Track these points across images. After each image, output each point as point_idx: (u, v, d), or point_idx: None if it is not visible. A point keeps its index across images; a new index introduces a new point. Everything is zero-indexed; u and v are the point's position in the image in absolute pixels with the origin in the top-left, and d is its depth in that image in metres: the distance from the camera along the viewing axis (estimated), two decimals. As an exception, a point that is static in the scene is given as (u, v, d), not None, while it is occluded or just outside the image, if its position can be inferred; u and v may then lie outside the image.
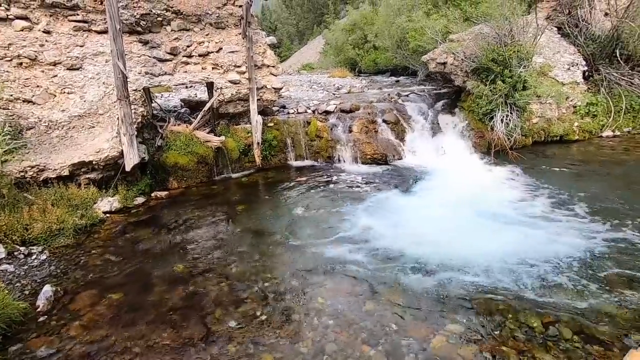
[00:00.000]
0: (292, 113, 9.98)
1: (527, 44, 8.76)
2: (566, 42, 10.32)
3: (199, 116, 8.17)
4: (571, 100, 9.42)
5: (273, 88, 8.73)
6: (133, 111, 6.99)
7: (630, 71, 9.72)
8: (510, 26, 8.53)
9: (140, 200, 6.92)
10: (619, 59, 9.83)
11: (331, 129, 9.31)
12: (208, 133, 8.48)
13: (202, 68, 7.92)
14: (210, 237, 5.48)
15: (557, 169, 7.53)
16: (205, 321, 3.59)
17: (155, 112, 8.97)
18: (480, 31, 9.32)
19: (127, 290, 4.16)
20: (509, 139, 8.46)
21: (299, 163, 9.03)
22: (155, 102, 9.34)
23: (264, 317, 3.60)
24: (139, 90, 7.20)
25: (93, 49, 6.90)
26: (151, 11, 7.19)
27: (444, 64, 10.14)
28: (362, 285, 4.09)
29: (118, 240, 5.43)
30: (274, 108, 10.08)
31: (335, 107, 9.95)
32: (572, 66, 9.76)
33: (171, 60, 7.57)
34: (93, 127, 6.62)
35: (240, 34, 8.07)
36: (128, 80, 6.75)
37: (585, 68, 10.01)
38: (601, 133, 9.38)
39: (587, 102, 9.58)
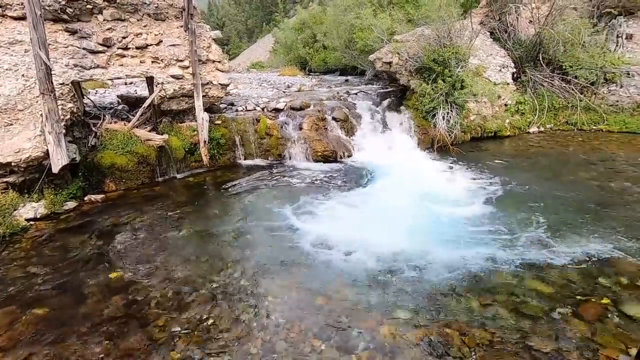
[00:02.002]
0: (241, 111, 9.72)
1: (464, 46, 9.35)
2: (497, 46, 11.19)
3: (138, 113, 7.64)
4: (503, 99, 10.23)
5: (219, 84, 8.41)
6: (60, 107, 6.34)
7: (551, 74, 10.79)
8: (448, 29, 9.04)
9: (71, 204, 6.30)
10: (541, 62, 10.87)
11: (281, 127, 9.20)
12: (149, 131, 7.96)
13: (141, 61, 7.40)
14: (152, 241, 5.13)
15: (491, 162, 8.14)
16: (147, 329, 3.34)
17: (88, 108, 8.23)
18: (423, 33, 9.78)
19: (53, 304, 3.74)
20: (450, 135, 8.97)
21: (249, 162, 8.80)
22: (88, 97, 8.57)
23: (211, 321, 3.43)
24: (67, 84, 6.55)
25: (9, 36, 6.14)
26: (79, -3, 6.56)
27: (390, 63, 10.49)
28: (313, 281, 4.07)
29: (44, 249, 4.88)
30: (221, 105, 9.74)
31: (286, 105, 9.85)
32: (503, 68, 10.62)
33: (104, 53, 6.97)
34: (11, 124, 5.88)
35: (182, 26, 7.66)
36: (53, 72, 6.10)
37: (514, 70, 10.94)
38: (529, 129, 10.32)
39: (516, 101, 10.48)
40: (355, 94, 11.13)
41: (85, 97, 8.29)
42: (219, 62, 8.35)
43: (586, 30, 10.62)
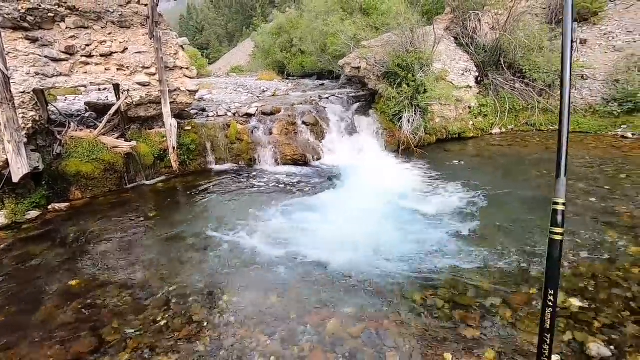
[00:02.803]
0: (212, 116, 9.82)
1: (428, 51, 9.73)
2: (461, 51, 11.65)
3: (104, 121, 7.65)
4: (467, 102, 10.67)
5: (187, 90, 8.50)
6: (21, 116, 6.35)
7: (512, 77, 11.31)
8: (412, 35, 9.39)
9: (34, 214, 6.28)
10: (503, 66, 11.38)
11: (252, 132, 9.35)
12: (117, 138, 7.98)
13: (106, 69, 7.42)
14: (116, 248, 5.19)
15: (451, 163, 8.50)
16: (100, 333, 3.44)
17: (53, 116, 8.18)
18: (389, 39, 10.12)
19: (8, 312, 3.78)
20: (414, 137, 9.30)
21: (220, 167, 8.91)
22: (53, 105, 8.51)
23: (164, 322, 3.55)
24: (28, 93, 6.53)
25: (-35, 45, 6.08)
26: (40, 5, 6.57)
27: (358, 68, 10.79)
28: (268, 281, 4.23)
29: (2, 259, 4.89)
30: (191, 111, 9.82)
31: (257, 110, 10.01)
32: (466, 72, 11.06)
33: (67, 60, 6.98)
34: (-32, 134, 5.83)
35: (147, 34, 7.73)
36: (12, 81, 6.10)
37: (477, 74, 11.41)
38: (491, 130, 10.78)
39: (479, 103, 10.93)
40: (327, 98, 11.38)
41: (50, 104, 8.23)
42: (186, 68, 8.43)
43: (545, 35, 11.20)
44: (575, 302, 3.50)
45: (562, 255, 0.93)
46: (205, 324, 3.51)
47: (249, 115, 9.88)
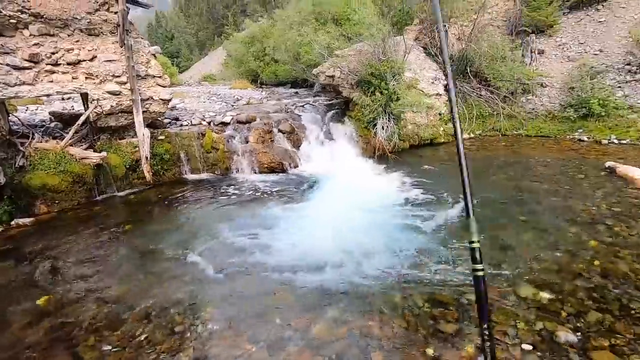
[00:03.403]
0: (186, 125, 9.67)
1: (399, 60, 10.08)
2: (430, 60, 12.16)
3: (72, 131, 7.37)
4: (437, 109, 11.11)
5: (160, 99, 8.35)
6: (-20, 127, 6.00)
7: (478, 85, 11.91)
8: (383, 45, 9.72)
9: (-5, 230, 5.91)
10: (470, 75, 11.97)
11: (228, 140, 9.28)
12: (86, 149, 7.69)
13: (73, 78, 7.18)
14: (87, 262, 4.98)
15: (424, 167, 8.82)
16: (75, 351, 3.29)
17: (15, 127, 7.78)
18: (362, 48, 10.40)
19: (-30, 335, 3.55)
20: (389, 143, 9.56)
21: (195, 176, 8.76)
22: (14, 115, 8.10)
23: (144, 336, 3.45)
24: (-12, 103, 6.20)
25: None
26: (0, 11, 6.29)
27: (332, 77, 10.99)
28: (251, 289, 4.20)
29: (-39, 279, 4.57)
30: (165, 120, 9.63)
31: (232, 119, 9.96)
32: (435, 80, 11.54)
33: (31, 69, 6.69)
34: None
35: (118, 42, 7.55)
36: (-29, 90, 5.79)
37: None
38: (461, 136, 11.24)
39: (448, 110, 11.41)
40: (303, 106, 11.50)
41: (11, 115, 7.83)
42: (159, 77, 8.29)
43: (506, 46, 11.90)
44: (545, 295, 3.73)
45: (487, 289, 0.96)
46: (187, 335, 3.44)
47: (225, 124, 9.82)
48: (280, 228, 5.74)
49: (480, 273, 1.00)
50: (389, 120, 9.64)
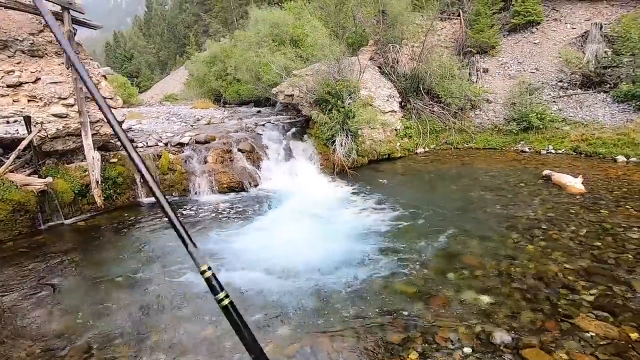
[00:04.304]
0: (141, 147, 9.41)
1: (354, 79, 10.48)
2: (385, 79, 12.74)
3: (12, 156, 6.96)
4: (392, 125, 11.58)
5: (112, 121, 8.10)
6: None
7: (430, 102, 12.59)
8: (338, 65, 10.09)
9: None
10: (422, 92, 12.64)
11: (185, 161, 9.12)
12: (30, 175, 7.28)
13: (14, 100, 6.85)
14: (24, 297, 4.66)
15: (381, 180, 9.13)
16: (3, 395, 3.05)
17: (-53, 154, 7.23)
18: (319, 68, 10.73)
19: None
20: (347, 159, 9.82)
21: (150, 199, 8.48)
22: (-53, 142, 7.52)
23: (83, 371, 3.27)
24: None
25: None
26: None
27: (292, 95, 11.21)
28: (200, 314, 4.10)
29: None
30: (117, 143, 9.31)
31: (190, 139, 9.84)
32: (390, 98, 12.08)
33: (-34, 92, 6.32)
34: None
35: (63, 63, 7.32)
36: None
37: (400, 99, 12.52)
38: (416, 150, 11.78)
39: (404, 126, 11.94)
40: (263, 125, 11.57)
41: (-57, 141, 7.28)
42: (110, 98, 8.08)
43: (455, 65, 12.72)
44: (485, 299, 3.95)
45: (240, 314, 0.86)
46: (132, 366, 3.31)
47: (182, 145, 9.67)
48: (231, 250, 5.68)
49: (226, 302, 0.85)
50: (346, 137, 9.92)
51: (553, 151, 10.29)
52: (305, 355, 3.32)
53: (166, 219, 0.91)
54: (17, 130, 10.51)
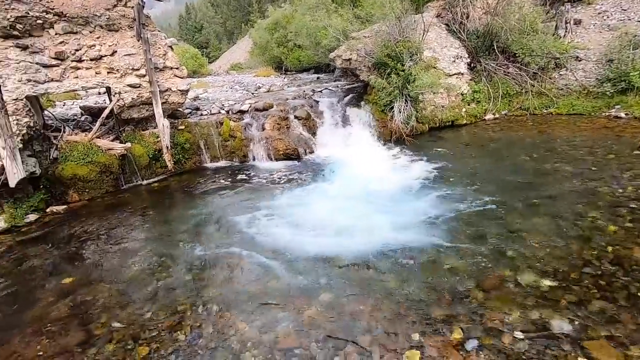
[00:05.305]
0: (205, 115, 9.94)
1: (417, 39, 9.69)
2: (452, 38, 11.56)
3: (98, 124, 7.83)
4: (458, 89, 10.62)
5: (179, 90, 8.62)
6: (15, 122, 6.54)
7: (505, 61, 11.20)
8: (399, 24, 9.36)
9: (32, 217, 6.50)
10: (496, 51, 11.27)
11: (245, 128, 9.45)
12: (112, 140, 8.16)
13: (96, 73, 7.58)
14: (110, 247, 5.38)
15: (442, 150, 8.53)
16: (88, 327, 3.61)
17: (49, 121, 8.38)
18: (378, 29, 10.09)
19: (3, 312, 3.98)
20: (406, 127, 9.32)
21: (215, 164, 9.06)
22: (48, 110, 8.71)
23: (149, 315, 3.71)
24: (21, 99, 6.72)
25: (-42, 56, 6.29)
26: (28, 13, 6.72)
27: (349, 60, 10.79)
28: (252, 274, 4.36)
29: (1, 261, 5.10)
30: (185, 110, 9.95)
31: (250, 107, 10.11)
32: (457, 59, 10.99)
33: (58, 66, 7.14)
34: (-35, 142, 6.04)
35: (135, 36, 7.85)
36: (5, 88, 6.30)
37: (469, 60, 11.33)
38: (484, 116, 10.73)
39: (472, 90, 10.87)
40: (321, 91, 11.42)
41: (45, 110, 8.44)
42: (176, 68, 8.55)
43: (538, 18, 11.05)
44: (547, 282, 3.57)
45: None
46: (188, 314, 3.67)
47: (242, 112, 9.98)
48: (288, 215, 5.84)
49: None
50: (406, 103, 9.36)
51: (659, 117, 8.62)
52: (344, 321, 3.36)
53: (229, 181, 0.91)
54: (104, 100, 11.80)
